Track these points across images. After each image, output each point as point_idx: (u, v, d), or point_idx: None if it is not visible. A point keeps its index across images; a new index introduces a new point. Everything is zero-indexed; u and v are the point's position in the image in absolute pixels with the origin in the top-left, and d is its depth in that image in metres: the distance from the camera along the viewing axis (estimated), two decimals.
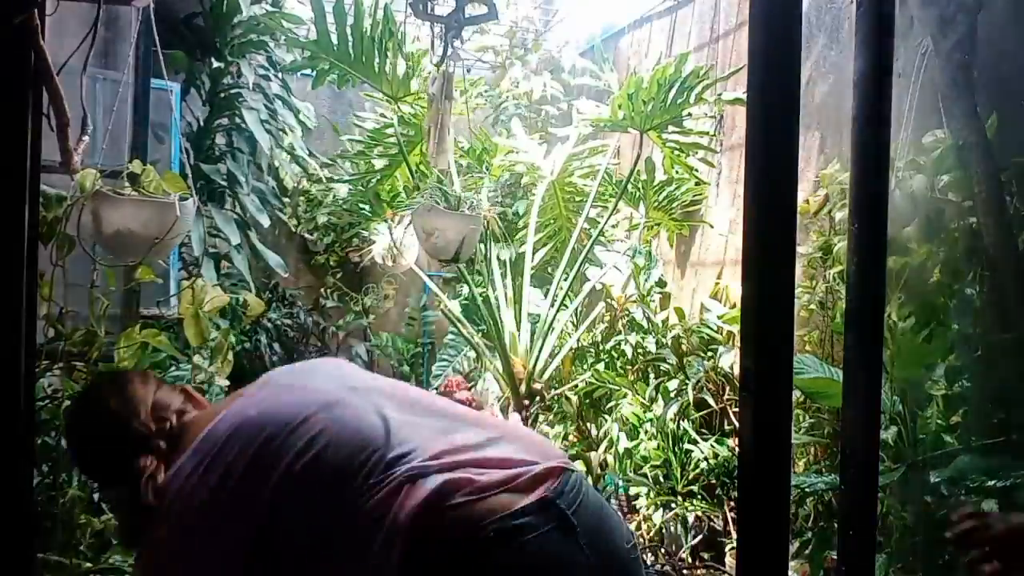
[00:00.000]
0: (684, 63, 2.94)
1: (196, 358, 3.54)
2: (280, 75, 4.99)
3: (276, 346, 5.53)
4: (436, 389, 4.13)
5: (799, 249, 3.09)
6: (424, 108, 3.30)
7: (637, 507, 3.64)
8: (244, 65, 4.61)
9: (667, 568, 3.29)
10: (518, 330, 3.38)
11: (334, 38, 3.01)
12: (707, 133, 3.69)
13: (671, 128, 3.17)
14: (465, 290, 3.98)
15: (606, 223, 3.45)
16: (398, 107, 3.22)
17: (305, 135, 5.60)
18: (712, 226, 4.09)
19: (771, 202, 1.24)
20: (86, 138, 1.94)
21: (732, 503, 3.26)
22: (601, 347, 4.17)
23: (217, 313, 3.16)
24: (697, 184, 3.97)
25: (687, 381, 3.41)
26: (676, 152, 3.32)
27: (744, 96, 1.26)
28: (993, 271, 2.39)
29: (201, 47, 4.60)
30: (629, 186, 3.60)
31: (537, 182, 3.73)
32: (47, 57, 1.58)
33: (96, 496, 2.60)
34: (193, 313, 2.10)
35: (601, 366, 4.04)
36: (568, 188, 3.68)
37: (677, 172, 3.54)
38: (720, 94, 3.21)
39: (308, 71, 4.96)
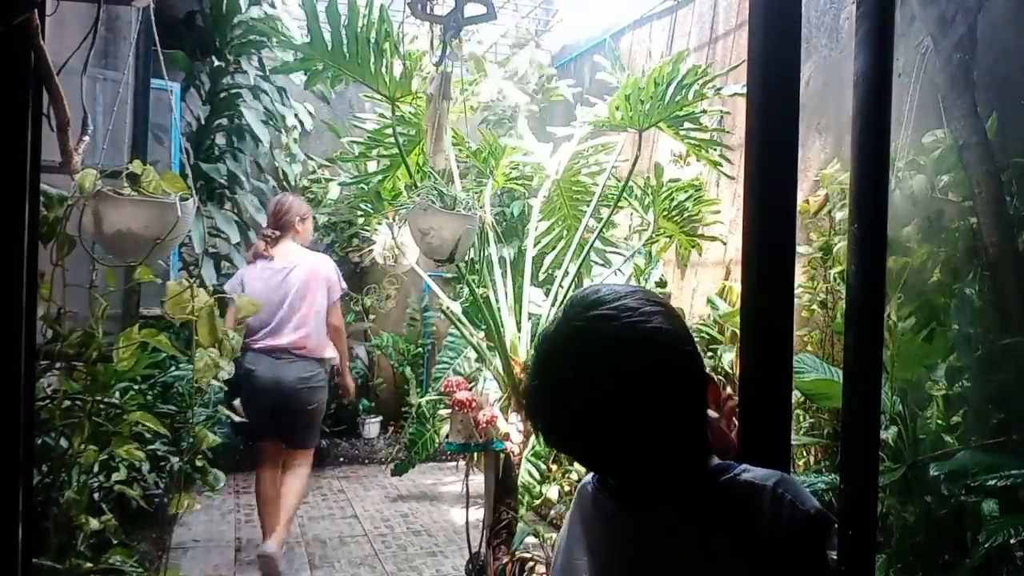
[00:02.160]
0: (681, 61, 2.93)
1: (208, 356, 3.54)
2: (273, 79, 5.00)
3: None
4: (436, 390, 4.12)
5: (799, 249, 3.09)
6: (423, 107, 3.29)
7: None
8: (244, 64, 4.62)
9: None
10: (519, 330, 3.37)
11: (328, 38, 2.99)
12: (722, 131, 3.68)
13: (687, 124, 3.16)
14: (466, 291, 3.98)
15: (605, 223, 3.44)
16: (397, 107, 3.21)
17: (303, 136, 5.60)
18: (725, 243, 4.02)
19: (771, 202, 1.24)
20: (86, 138, 1.94)
21: None
22: None
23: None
24: (699, 198, 3.92)
25: None
26: (697, 147, 3.30)
27: (743, 89, 1.25)
28: (993, 271, 2.39)
29: (201, 47, 4.61)
30: (638, 191, 3.58)
31: (537, 178, 3.72)
32: (47, 57, 1.58)
33: (95, 496, 2.60)
34: (208, 312, 2.09)
35: None
36: (577, 187, 3.66)
37: (702, 164, 3.51)
38: (719, 88, 3.20)
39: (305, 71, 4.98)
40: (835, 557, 1.25)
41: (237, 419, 3.65)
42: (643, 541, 0.94)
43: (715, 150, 3.32)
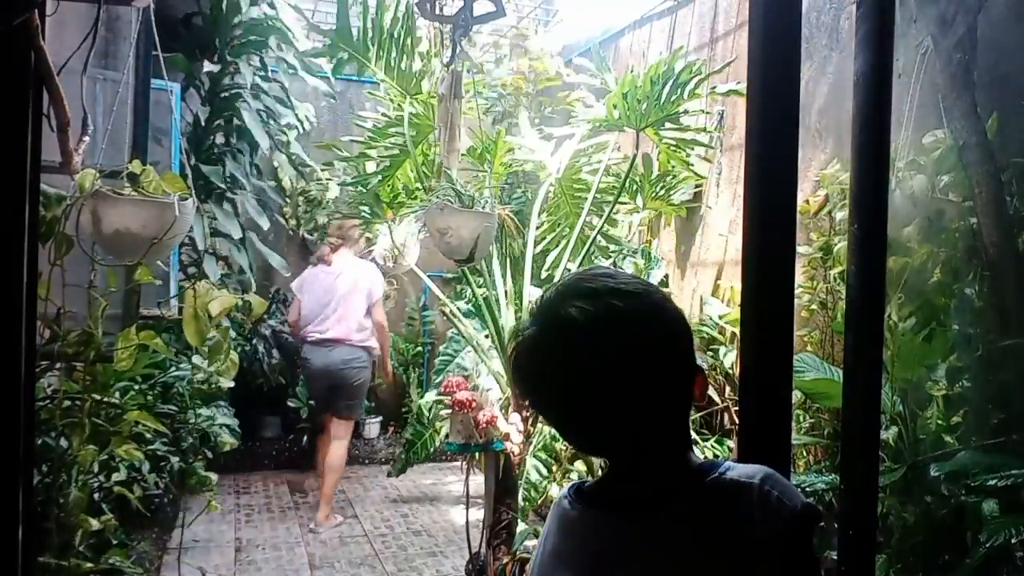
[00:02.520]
0: (676, 60, 2.93)
1: (195, 358, 3.53)
2: (275, 78, 5.00)
3: (275, 351, 5.58)
4: (436, 389, 4.12)
5: (799, 249, 3.09)
6: (428, 106, 3.30)
7: None
8: (243, 65, 4.61)
9: None
10: None
11: (355, 31, 3.06)
12: (704, 129, 3.69)
13: (668, 125, 3.17)
14: (468, 291, 3.98)
15: (604, 221, 3.45)
16: (409, 101, 3.23)
17: (303, 137, 5.60)
18: (710, 207, 4.08)
19: (771, 202, 1.24)
20: (86, 138, 1.94)
21: None
22: None
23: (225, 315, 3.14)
24: (684, 178, 3.96)
25: None
26: (673, 148, 3.32)
27: (739, 87, 1.26)
28: (993, 271, 2.39)
29: (201, 48, 4.60)
30: (628, 182, 3.60)
31: (539, 175, 3.73)
32: (47, 57, 1.58)
33: (96, 496, 2.60)
34: (193, 313, 2.09)
35: None
36: (578, 185, 3.67)
37: (672, 167, 3.56)
38: (714, 87, 3.20)
39: (308, 70, 4.98)
40: (835, 557, 1.25)
41: None
42: (630, 546, 0.93)
43: (692, 149, 3.34)
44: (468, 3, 2.70)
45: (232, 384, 4.02)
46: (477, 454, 3.32)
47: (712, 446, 3.49)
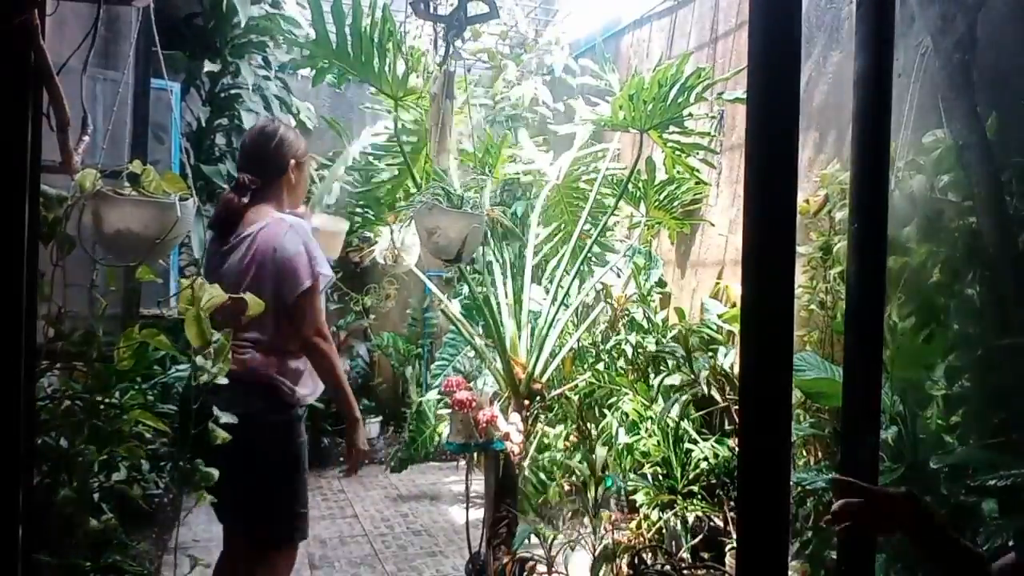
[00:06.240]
0: (685, 63, 2.93)
1: (199, 359, 3.53)
2: (279, 76, 5.00)
3: None
4: (436, 389, 4.13)
5: (799, 249, 3.09)
6: (426, 110, 3.30)
7: (638, 506, 3.63)
8: (243, 65, 4.62)
9: (667, 568, 3.29)
10: (519, 330, 3.38)
11: (333, 38, 3.00)
12: (708, 133, 3.70)
13: (672, 128, 3.17)
14: (465, 290, 3.98)
15: (605, 223, 3.45)
16: (401, 106, 3.21)
17: (304, 136, 5.59)
18: (713, 224, 4.09)
19: (771, 202, 1.24)
20: (86, 138, 1.94)
21: (732, 503, 3.26)
22: (601, 347, 4.17)
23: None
24: (698, 183, 3.98)
25: (691, 374, 3.41)
26: (677, 152, 3.32)
27: (743, 94, 1.26)
28: (993, 271, 2.39)
29: (201, 47, 4.60)
30: (630, 186, 3.60)
31: (537, 184, 3.74)
32: (47, 57, 1.58)
33: (96, 496, 2.59)
34: (194, 313, 2.08)
35: (601, 366, 4.04)
36: (574, 191, 3.67)
37: (678, 172, 3.55)
38: (721, 93, 3.21)
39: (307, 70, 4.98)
40: (835, 557, 1.25)
41: None
42: None
43: (698, 154, 3.33)
44: (462, 3, 2.70)
45: (225, 383, 4.00)
46: (477, 454, 3.32)
47: (712, 446, 3.48)
